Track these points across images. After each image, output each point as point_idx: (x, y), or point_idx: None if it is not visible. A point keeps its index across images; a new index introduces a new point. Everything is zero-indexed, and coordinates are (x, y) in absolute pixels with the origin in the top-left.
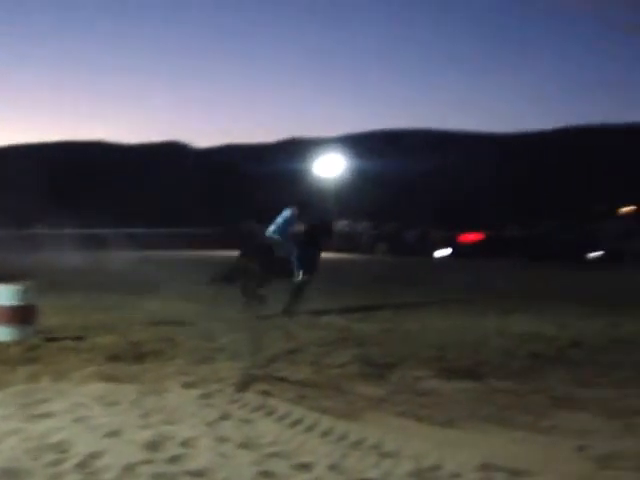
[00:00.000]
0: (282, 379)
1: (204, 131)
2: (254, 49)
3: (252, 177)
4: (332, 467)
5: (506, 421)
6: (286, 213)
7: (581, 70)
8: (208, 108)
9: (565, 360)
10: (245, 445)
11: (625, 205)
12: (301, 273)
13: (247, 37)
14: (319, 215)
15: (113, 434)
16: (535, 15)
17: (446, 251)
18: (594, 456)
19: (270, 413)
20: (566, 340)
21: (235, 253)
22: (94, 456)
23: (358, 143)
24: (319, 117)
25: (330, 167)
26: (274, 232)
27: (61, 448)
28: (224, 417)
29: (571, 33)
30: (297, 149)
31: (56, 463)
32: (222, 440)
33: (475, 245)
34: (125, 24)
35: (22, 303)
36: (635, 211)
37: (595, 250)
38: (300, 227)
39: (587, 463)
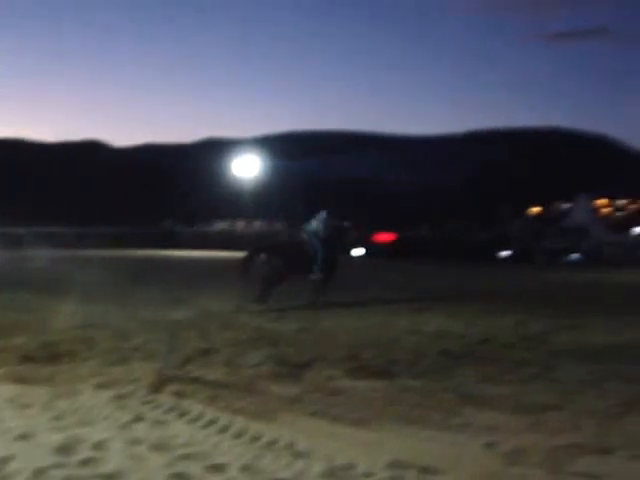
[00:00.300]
0: (196, 379)
1: (123, 130)
2: (173, 50)
3: (171, 176)
4: (245, 468)
5: (416, 419)
6: (322, 216)
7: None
8: (127, 107)
9: (474, 357)
10: (158, 447)
11: (532, 206)
12: (319, 271)
13: (165, 38)
14: (337, 220)
15: (24, 437)
16: (451, 19)
17: (361, 251)
18: (502, 452)
19: (183, 414)
20: (475, 338)
21: (152, 252)
22: (4, 461)
23: (275, 144)
24: (237, 118)
25: (247, 167)
26: (314, 233)
27: None
28: (137, 419)
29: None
30: (215, 149)
31: None
32: (135, 442)
33: (388, 245)
34: (44, 25)
35: None
36: (542, 212)
37: (505, 250)
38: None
39: (495, 459)
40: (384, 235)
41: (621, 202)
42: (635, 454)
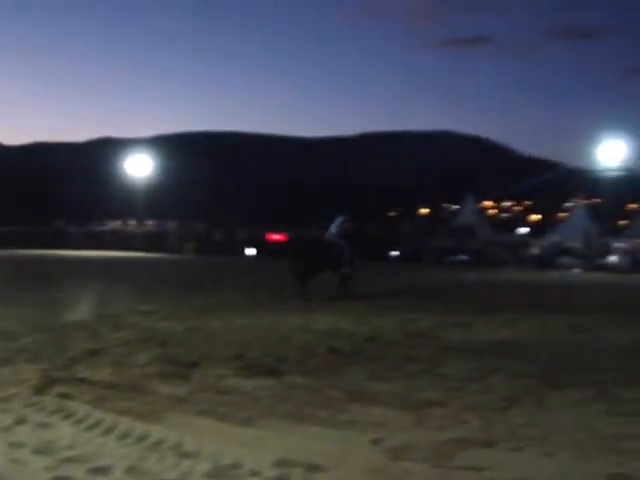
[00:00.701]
0: (82, 380)
1: (14, 129)
2: (67, 47)
3: (62, 175)
4: (130, 469)
5: (304, 417)
6: (339, 219)
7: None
8: (18, 105)
9: (362, 355)
10: (40, 450)
11: (421, 207)
12: (347, 267)
13: (58, 35)
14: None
15: None
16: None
17: (252, 251)
18: (387, 448)
19: (68, 416)
20: (364, 336)
21: (44, 252)
22: None
23: (168, 144)
24: (130, 117)
25: (140, 167)
26: (333, 235)
27: None
28: (20, 421)
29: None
30: (108, 149)
31: None
32: (17, 446)
33: (280, 245)
34: None
35: None
36: (431, 212)
37: (395, 249)
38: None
39: (381, 455)
40: (276, 235)
41: (507, 204)
42: (517, 446)
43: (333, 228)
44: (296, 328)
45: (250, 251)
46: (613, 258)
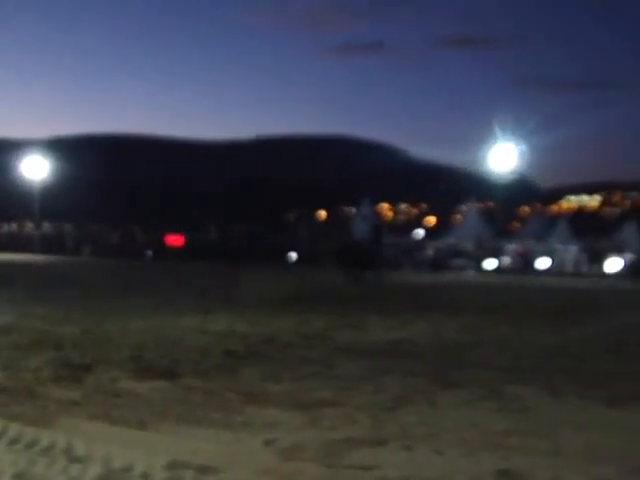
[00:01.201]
0: None
1: None
2: None
3: None
4: (18, 475)
5: (198, 419)
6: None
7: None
8: None
9: (257, 356)
10: None
11: (318, 210)
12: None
13: None
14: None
15: None
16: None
17: (151, 252)
18: (280, 449)
19: None
20: (258, 337)
21: None
22: None
23: (65, 146)
24: (26, 118)
25: (35, 169)
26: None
27: None
28: None
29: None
30: (2, 150)
31: None
32: None
33: (178, 247)
34: None
35: None
36: (328, 216)
37: (292, 252)
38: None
39: (273, 456)
40: (174, 238)
41: (403, 206)
42: (407, 444)
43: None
44: (192, 330)
45: (149, 253)
46: (505, 260)
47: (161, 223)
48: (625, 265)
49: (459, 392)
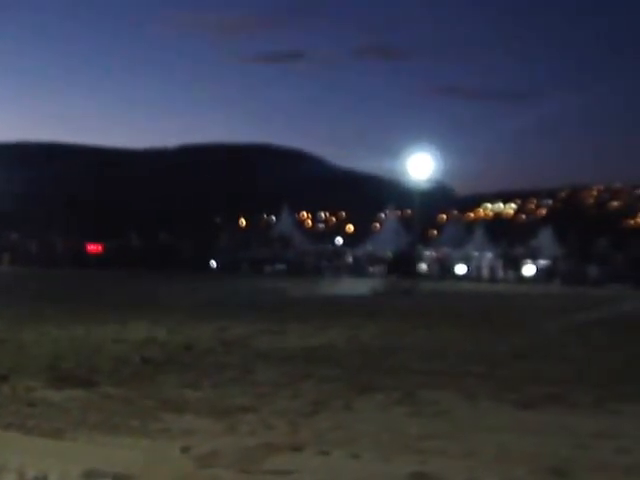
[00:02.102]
0: None
1: None
2: None
3: None
4: None
5: (115, 427)
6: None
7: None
8: None
9: (175, 364)
10: None
11: (239, 219)
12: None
13: None
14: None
15: None
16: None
17: (71, 261)
18: (196, 456)
19: None
20: (177, 344)
21: None
22: None
23: None
24: None
25: None
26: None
27: None
28: None
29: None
30: None
31: None
32: None
33: (97, 255)
34: None
35: None
36: (249, 223)
37: (212, 260)
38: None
39: (189, 463)
40: (93, 246)
41: (322, 215)
42: (323, 450)
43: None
44: (110, 339)
45: (68, 262)
46: (423, 266)
47: (82, 231)
48: (539, 270)
49: (375, 397)
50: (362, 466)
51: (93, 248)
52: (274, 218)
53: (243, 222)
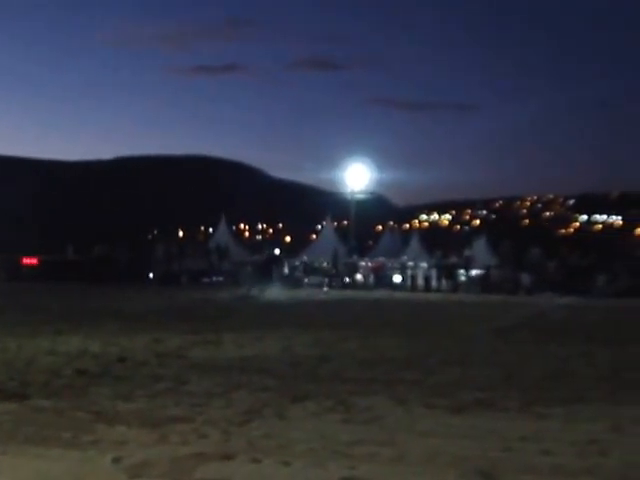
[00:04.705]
0: None
1: None
2: None
3: None
4: None
5: (46, 439)
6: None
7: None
8: None
9: (109, 376)
10: None
11: (176, 230)
12: None
13: None
14: None
15: None
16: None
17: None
18: (128, 466)
19: None
20: (111, 356)
21: None
22: None
23: None
24: None
25: None
26: None
27: None
28: None
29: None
30: None
31: None
32: None
33: (33, 268)
34: None
35: None
36: (186, 235)
37: (149, 272)
38: None
39: (120, 473)
40: (29, 259)
41: (260, 226)
42: (255, 457)
43: None
44: (43, 351)
45: (3, 276)
46: (359, 276)
47: (18, 244)
48: (472, 279)
49: (308, 405)
50: (293, 473)
51: (28, 261)
52: (212, 229)
53: (180, 233)
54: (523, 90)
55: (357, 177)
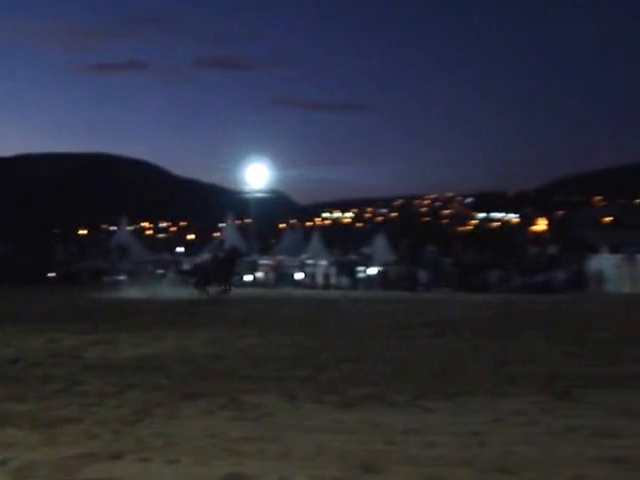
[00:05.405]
0: None
1: None
2: None
3: None
4: None
5: None
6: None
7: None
8: None
9: (1, 377)
10: None
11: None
12: None
13: None
14: None
15: None
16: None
17: None
18: (13, 468)
19: None
20: (3, 357)
21: None
22: None
23: None
24: None
25: None
26: None
27: None
28: None
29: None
30: None
31: None
32: None
33: None
34: None
35: None
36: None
37: (49, 271)
38: None
39: (5, 476)
40: None
41: (164, 224)
42: (143, 456)
43: None
44: None
45: None
46: (259, 274)
47: None
48: (371, 276)
49: (199, 403)
50: (178, 471)
51: None
52: (114, 228)
53: (83, 232)
54: (423, 90)
55: (257, 176)
